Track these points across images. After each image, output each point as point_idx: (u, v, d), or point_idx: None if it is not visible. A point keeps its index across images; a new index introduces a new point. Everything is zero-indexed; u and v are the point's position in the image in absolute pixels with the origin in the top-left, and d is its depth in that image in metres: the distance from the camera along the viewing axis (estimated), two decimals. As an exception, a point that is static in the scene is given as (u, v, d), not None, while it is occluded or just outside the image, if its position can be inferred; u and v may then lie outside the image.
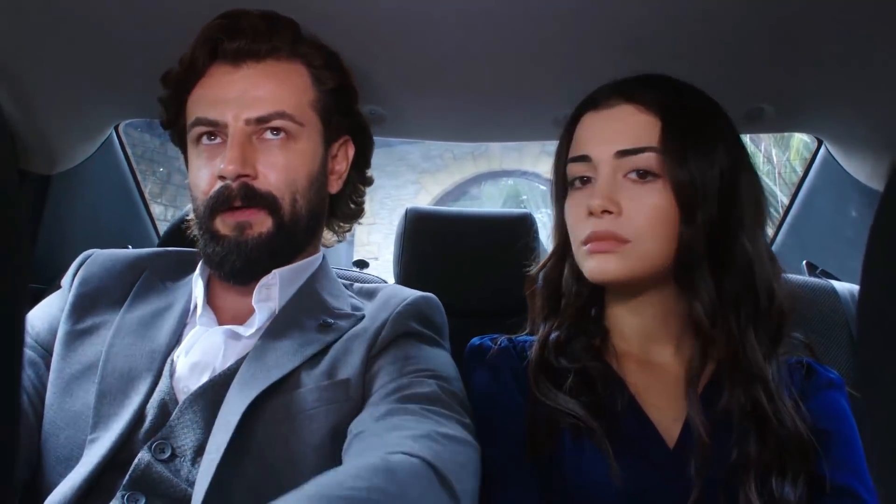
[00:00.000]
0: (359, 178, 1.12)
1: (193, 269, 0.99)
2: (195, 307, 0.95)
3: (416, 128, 1.50)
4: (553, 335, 0.96)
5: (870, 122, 1.32)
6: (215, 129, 0.93)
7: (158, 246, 1.53)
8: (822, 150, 1.57)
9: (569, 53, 1.15)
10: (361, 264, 1.64)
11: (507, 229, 1.48)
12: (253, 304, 0.93)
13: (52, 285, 1.35)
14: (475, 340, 1.01)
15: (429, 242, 1.50)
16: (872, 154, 1.39)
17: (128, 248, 1.57)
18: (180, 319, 0.94)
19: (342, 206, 1.11)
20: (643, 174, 0.87)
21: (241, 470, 0.79)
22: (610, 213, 0.87)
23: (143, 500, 0.77)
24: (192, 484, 0.79)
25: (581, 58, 1.15)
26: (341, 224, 1.13)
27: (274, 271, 0.95)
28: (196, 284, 0.97)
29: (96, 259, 1.02)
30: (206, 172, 0.94)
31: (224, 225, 0.93)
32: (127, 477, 0.78)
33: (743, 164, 0.91)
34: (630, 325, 0.96)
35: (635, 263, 0.87)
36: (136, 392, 0.85)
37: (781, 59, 1.14)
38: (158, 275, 1.01)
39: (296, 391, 0.85)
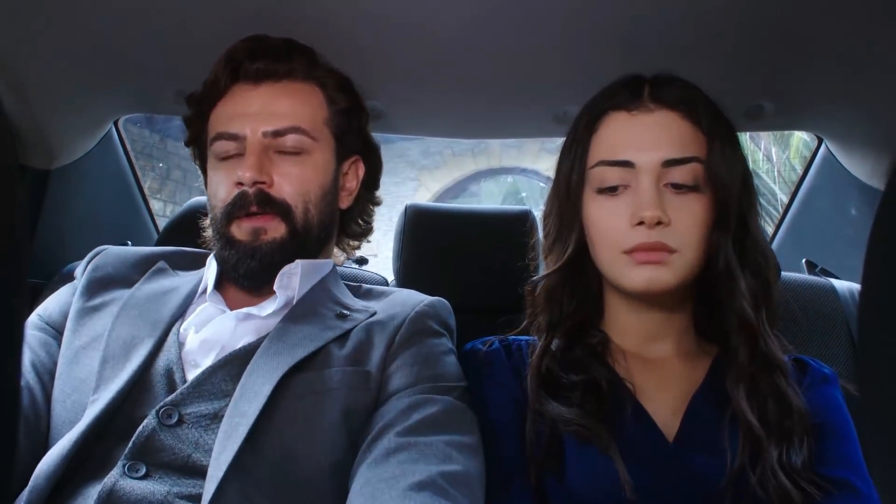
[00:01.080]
0: (368, 197, 1.19)
1: (204, 265, 1.05)
2: (204, 289, 1.00)
3: (416, 124, 1.50)
4: (554, 344, 0.95)
5: (870, 120, 1.32)
6: (235, 144, 0.99)
7: (157, 241, 1.53)
8: (823, 148, 1.57)
9: (569, 50, 1.14)
10: (361, 261, 1.64)
11: (507, 226, 1.48)
12: (275, 288, 0.97)
13: (51, 280, 1.35)
14: (467, 346, 1.02)
15: (428, 239, 1.50)
16: (873, 152, 1.39)
17: (127, 243, 1.58)
18: (187, 297, 0.99)
19: (352, 225, 1.18)
20: (685, 184, 0.87)
21: (259, 439, 0.80)
22: (661, 223, 0.86)
23: (144, 469, 0.78)
24: (199, 448, 0.80)
25: (581, 54, 1.15)
26: (350, 242, 1.20)
27: (297, 261, 1.00)
28: (209, 266, 1.02)
29: (110, 251, 1.08)
30: (225, 183, 0.99)
31: (239, 230, 0.98)
32: (131, 443, 0.79)
33: (747, 161, 0.93)
34: (632, 324, 0.96)
35: (681, 273, 0.87)
36: (136, 355, 0.89)
37: (782, 56, 1.14)
38: (171, 264, 1.07)
39: (321, 370, 0.88)
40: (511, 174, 9.43)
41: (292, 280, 0.99)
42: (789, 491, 0.80)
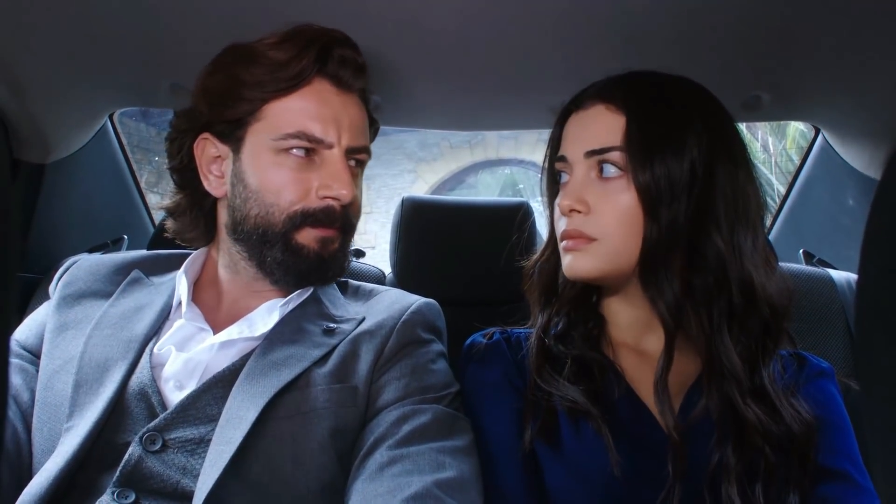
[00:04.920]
0: None
1: (180, 267, 1.01)
2: (179, 303, 0.97)
3: (412, 116, 1.50)
4: (552, 324, 0.97)
5: (867, 110, 1.31)
6: (311, 145, 0.94)
7: (154, 235, 1.53)
8: (820, 138, 1.57)
9: (565, 42, 1.14)
10: (358, 254, 1.64)
11: (504, 218, 1.47)
12: (279, 306, 0.96)
13: (46, 275, 1.35)
14: (469, 340, 1.03)
15: (425, 231, 1.50)
16: (870, 142, 1.39)
17: (123, 237, 1.58)
18: (161, 313, 0.96)
19: None
20: (608, 172, 0.89)
21: (246, 463, 0.80)
22: (579, 212, 0.89)
23: (133, 496, 0.77)
24: (187, 474, 0.80)
25: (577, 46, 1.15)
26: None
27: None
28: (179, 281, 0.98)
29: (82, 264, 1.04)
30: (296, 184, 0.94)
31: (308, 237, 0.95)
32: (118, 472, 0.78)
33: (722, 156, 0.88)
34: (624, 315, 0.97)
35: (603, 261, 0.89)
36: (110, 380, 0.86)
37: (779, 47, 1.13)
38: (146, 272, 1.04)
39: (306, 389, 0.86)
40: (508, 166, 9.45)
41: (299, 296, 0.99)
42: (788, 488, 0.82)
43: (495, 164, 9.41)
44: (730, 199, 0.88)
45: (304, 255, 0.95)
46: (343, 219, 0.97)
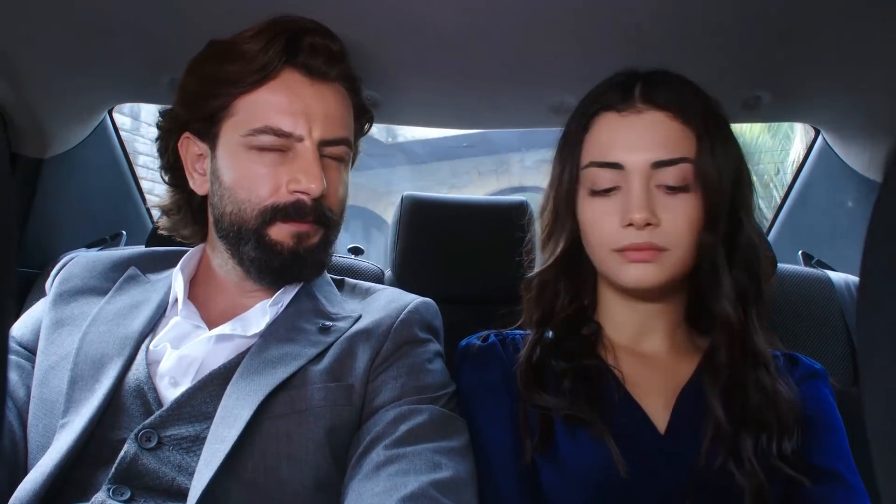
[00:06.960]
0: None
1: (177, 265, 1.00)
2: (175, 300, 0.96)
3: (412, 114, 1.49)
4: (547, 335, 0.96)
5: (867, 111, 1.31)
6: (282, 140, 0.92)
7: (153, 231, 1.53)
8: (819, 139, 1.57)
9: (567, 40, 1.14)
10: (356, 251, 1.64)
11: (504, 216, 1.47)
12: (269, 306, 0.95)
13: (43, 271, 1.34)
14: (463, 342, 1.02)
15: (425, 229, 1.49)
16: (869, 144, 1.39)
17: (122, 233, 1.57)
18: (157, 310, 0.95)
19: None
20: (675, 185, 0.88)
21: (240, 461, 0.79)
22: (650, 224, 0.87)
23: (129, 493, 0.77)
24: (182, 471, 0.79)
25: (579, 45, 1.14)
26: None
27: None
28: (175, 278, 0.97)
29: (78, 260, 1.04)
30: (267, 179, 0.92)
31: (281, 232, 0.93)
32: (114, 468, 0.78)
33: (743, 156, 0.92)
34: (624, 318, 0.97)
35: (670, 270, 0.89)
36: (106, 376, 0.86)
37: (780, 47, 1.13)
38: (143, 269, 1.03)
39: (302, 388, 0.86)
40: (530, 192, 9.92)
41: (286, 295, 0.98)
42: (763, 482, 0.83)
43: (518, 191, 9.96)
44: (748, 193, 0.93)
45: (278, 251, 0.93)
46: (315, 212, 0.93)
